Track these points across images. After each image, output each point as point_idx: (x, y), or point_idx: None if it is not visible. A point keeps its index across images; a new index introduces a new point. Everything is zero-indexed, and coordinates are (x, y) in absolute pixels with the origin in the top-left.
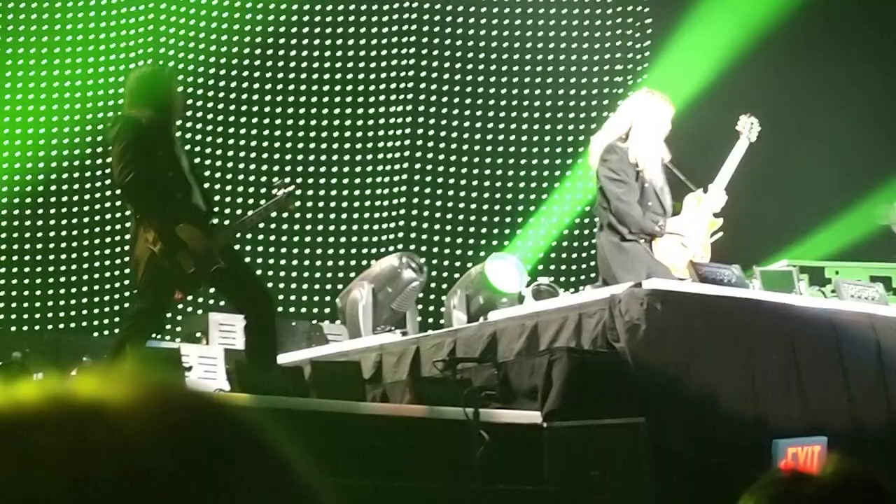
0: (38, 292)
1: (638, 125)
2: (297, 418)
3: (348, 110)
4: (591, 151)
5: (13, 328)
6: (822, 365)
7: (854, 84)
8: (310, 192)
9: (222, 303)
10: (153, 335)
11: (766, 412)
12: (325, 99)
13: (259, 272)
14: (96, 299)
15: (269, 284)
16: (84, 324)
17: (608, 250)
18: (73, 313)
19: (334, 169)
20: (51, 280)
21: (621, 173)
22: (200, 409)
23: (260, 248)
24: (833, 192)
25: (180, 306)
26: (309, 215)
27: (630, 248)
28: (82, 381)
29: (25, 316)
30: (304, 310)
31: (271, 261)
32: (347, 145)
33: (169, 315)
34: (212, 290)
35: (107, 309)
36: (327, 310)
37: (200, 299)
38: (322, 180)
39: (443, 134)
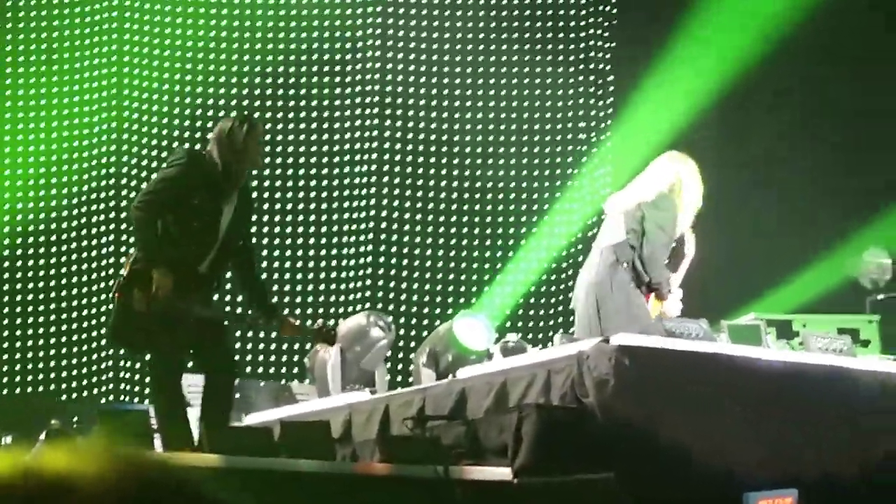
0: (4, 355)
1: (687, 188)
2: (267, 479)
3: (313, 170)
4: (632, 192)
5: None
6: (792, 417)
7: (819, 136)
8: (276, 252)
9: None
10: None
11: (736, 465)
12: (290, 160)
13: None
14: (64, 361)
15: (238, 345)
16: (52, 386)
17: (618, 288)
18: (40, 376)
19: (300, 228)
20: (17, 342)
21: (668, 226)
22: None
23: (227, 308)
24: (799, 245)
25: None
26: (276, 275)
27: (640, 297)
28: (50, 454)
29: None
30: (272, 370)
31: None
32: (313, 205)
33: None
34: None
35: (75, 371)
36: (296, 369)
37: None
38: (289, 240)
39: (408, 193)
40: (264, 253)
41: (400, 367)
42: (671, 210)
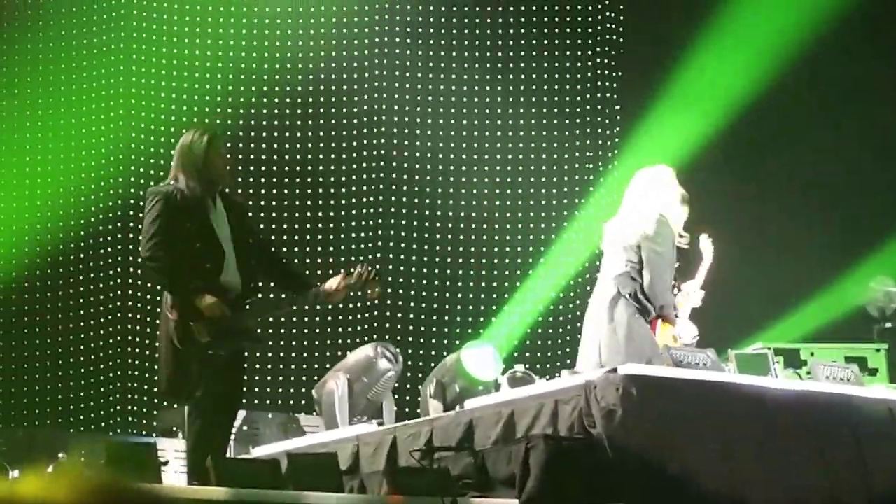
0: (12, 389)
1: (674, 203)
2: None
3: (320, 201)
4: (624, 221)
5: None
6: (800, 447)
7: (826, 166)
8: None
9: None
10: (220, 437)
11: (745, 496)
12: (297, 190)
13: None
14: (72, 395)
15: (245, 377)
16: (60, 420)
17: (619, 323)
18: (48, 409)
19: (307, 260)
20: (25, 375)
21: (666, 249)
22: None
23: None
24: (807, 273)
25: (155, 400)
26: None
27: (643, 328)
28: (27, 482)
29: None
30: (279, 402)
31: (246, 353)
32: (320, 236)
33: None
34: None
35: (82, 405)
36: (303, 401)
37: None
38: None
39: (416, 222)
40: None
41: (408, 398)
42: (665, 233)
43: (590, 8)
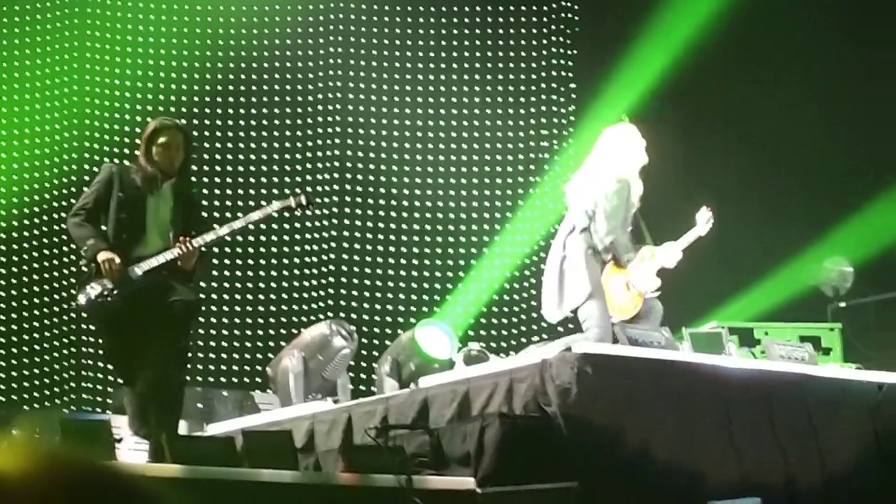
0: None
1: (627, 157)
2: (230, 489)
3: (275, 178)
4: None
5: None
6: (754, 425)
7: (780, 144)
8: (238, 261)
9: None
10: (135, 381)
11: (700, 473)
12: (252, 168)
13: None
14: (25, 371)
15: (200, 354)
16: (13, 396)
17: (578, 253)
18: (1, 386)
19: (262, 237)
20: None
21: (620, 205)
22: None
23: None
24: (761, 252)
25: (109, 377)
26: (238, 284)
27: (595, 265)
28: None
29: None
30: (234, 379)
31: (201, 330)
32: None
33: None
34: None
35: (36, 381)
36: (258, 379)
37: None
38: (250, 249)
39: (370, 201)
40: (225, 261)
41: (363, 376)
42: (621, 190)
43: None
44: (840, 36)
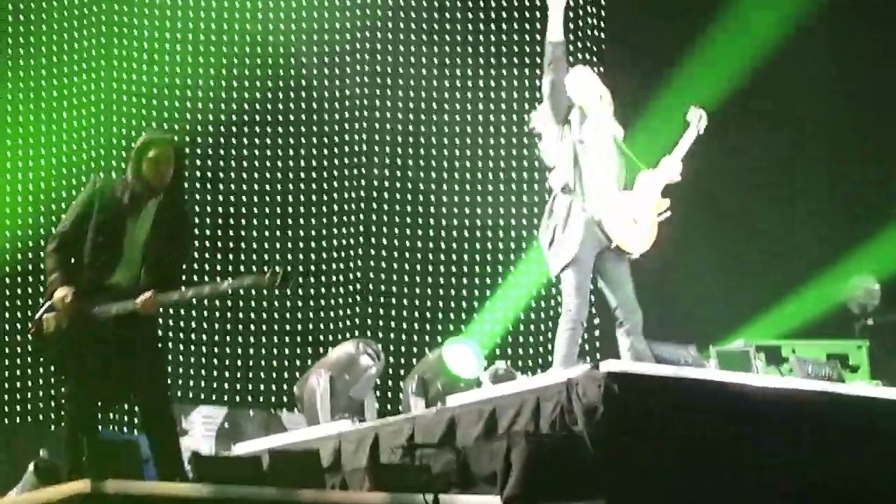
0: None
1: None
2: None
3: (302, 196)
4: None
5: None
6: (781, 443)
7: (808, 162)
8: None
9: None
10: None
11: (726, 492)
12: (279, 186)
13: (215, 361)
14: (52, 391)
15: (226, 374)
16: (40, 416)
17: (563, 218)
18: (28, 406)
19: (289, 256)
20: (6, 372)
21: (588, 140)
22: None
23: (216, 337)
24: (788, 270)
25: None
26: (264, 303)
27: (579, 219)
28: None
29: None
30: (261, 399)
31: (228, 349)
32: (302, 232)
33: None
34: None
35: (63, 400)
36: (285, 398)
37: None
38: (277, 267)
39: (397, 219)
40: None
41: (389, 395)
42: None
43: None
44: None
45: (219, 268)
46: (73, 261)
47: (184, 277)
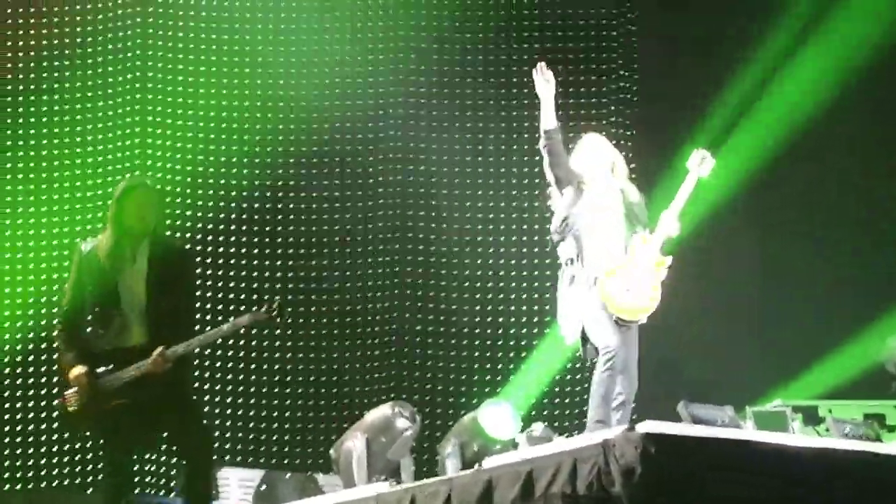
0: (17, 450)
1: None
2: None
3: (336, 261)
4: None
5: (7, 486)
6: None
7: (840, 221)
8: (300, 343)
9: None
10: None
11: None
12: (314, 249)
13: (252, 424)
14: (82, 452)
15: (262, 436)
16: (77, 480)
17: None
18: (66, 469)
19: (324, 319)
20: (30, 437)
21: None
22: None
23: (252, 400)
24: (826, 330)
25: (174, 459)
26: (300, 366)
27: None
28: None
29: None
30: (297, 461)
31: (263, 412)
32: (337, 284)
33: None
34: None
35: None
36: (321, 461)
37: None
38: (312, 331)
39: (431, 281)
40: (278, 332)
41: (425, 457)
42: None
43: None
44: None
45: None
46: (81, 336)
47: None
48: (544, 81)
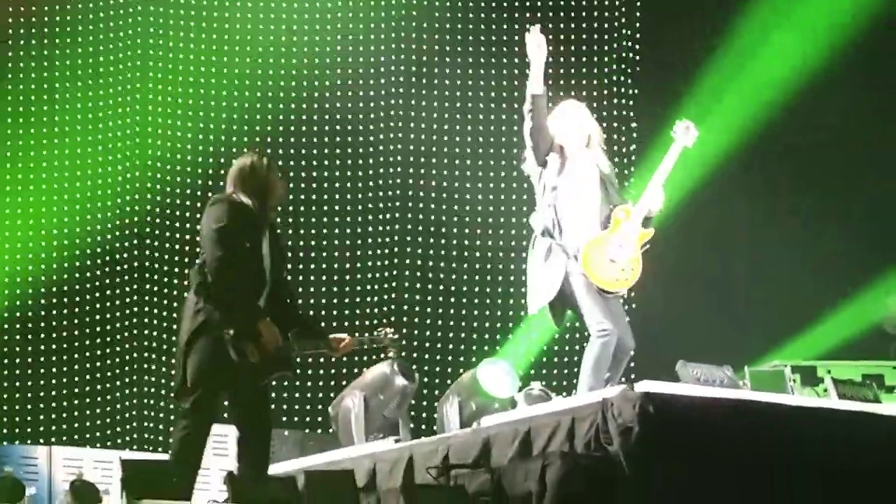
0: (28, 405)
1: (568, 132)
2: None
3: (337, 218)
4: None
5: (4, 442)
6: (817, 465)
7: (845, 182)
8: (299, 300)
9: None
10: (208, 432)
11: None
12: (314, 207)
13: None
14: (88, 411)
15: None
16: (76, 437)
17: (533, 260)
18: (64, 426)
19: (324, 277)
20: (41, 392)
21: (577, 203)
22: None
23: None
24: (824, 290)
25: (171, 417)
26: None
27: (555, 264)
28: None
29: (17, 430)
30: (295, 419)
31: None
32: (336, 252)
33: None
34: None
35: (98, 421)
36: (319, 418)
37: None
38: (312, 288)
39: (431, 240)
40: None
41: (424, 415)
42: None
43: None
44: None
45: None
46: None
47: None
48: (536, 46)
